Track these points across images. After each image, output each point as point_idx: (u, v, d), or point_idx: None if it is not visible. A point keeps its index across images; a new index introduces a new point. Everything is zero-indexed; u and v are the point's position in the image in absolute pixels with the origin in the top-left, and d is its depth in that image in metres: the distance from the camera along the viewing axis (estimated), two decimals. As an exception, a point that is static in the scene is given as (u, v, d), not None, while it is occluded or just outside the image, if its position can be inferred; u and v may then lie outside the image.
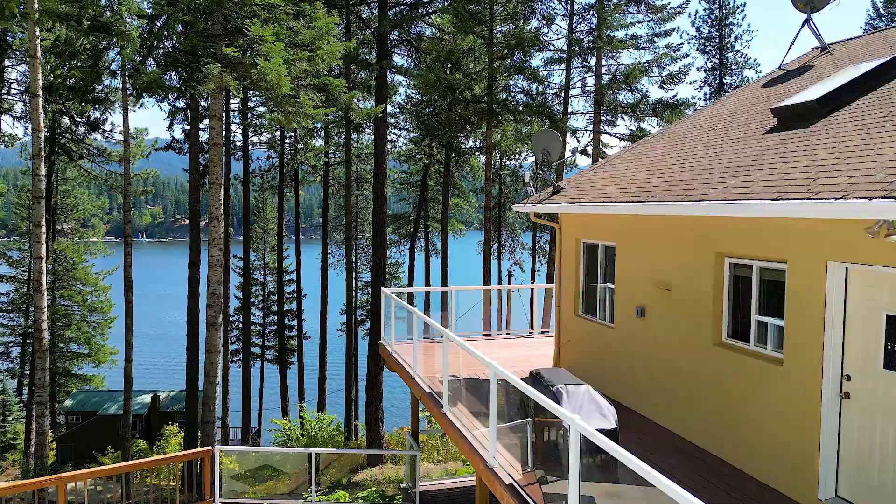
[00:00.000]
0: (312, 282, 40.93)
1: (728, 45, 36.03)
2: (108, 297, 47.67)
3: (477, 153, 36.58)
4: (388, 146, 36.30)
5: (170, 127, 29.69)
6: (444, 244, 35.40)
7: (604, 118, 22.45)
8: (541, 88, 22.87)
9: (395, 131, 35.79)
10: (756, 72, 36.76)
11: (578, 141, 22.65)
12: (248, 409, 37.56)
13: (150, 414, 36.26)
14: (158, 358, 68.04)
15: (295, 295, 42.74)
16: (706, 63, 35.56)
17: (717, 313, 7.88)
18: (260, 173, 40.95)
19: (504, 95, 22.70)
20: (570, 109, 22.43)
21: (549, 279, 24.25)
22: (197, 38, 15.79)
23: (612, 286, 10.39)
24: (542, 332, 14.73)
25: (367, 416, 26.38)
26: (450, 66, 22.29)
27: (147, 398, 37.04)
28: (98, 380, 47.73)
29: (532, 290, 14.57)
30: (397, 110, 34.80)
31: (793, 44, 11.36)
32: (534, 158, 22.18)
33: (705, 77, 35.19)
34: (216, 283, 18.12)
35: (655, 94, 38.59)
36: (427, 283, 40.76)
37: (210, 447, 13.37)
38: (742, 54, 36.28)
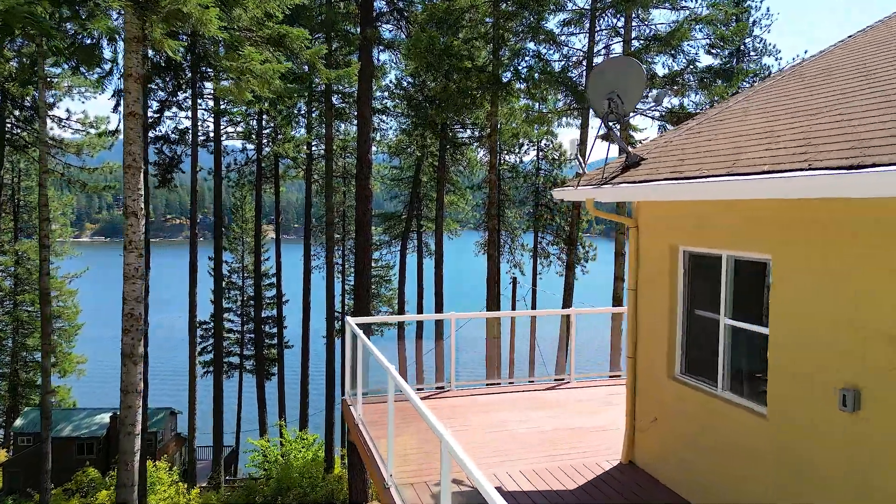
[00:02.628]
0: (295, 286, 35.92)
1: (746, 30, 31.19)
2: (75, 303, 42.57)
3: (475, 144, 31.62)
4: (376, 135, 31.29)
5: (115, 108, 24.58)
6: (439, 245, 30.43)
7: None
8: (558, 55, 17.91)
9: (384, 120, 30.73)
10: (776, 59, 32.09)
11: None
12: (219, 428, 32.45)
13: (108, 435, 31.14)
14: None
15: (275, 300, 37.69)
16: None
17: None
18: (236, 167, 35.87)
19: (515, 62, 17.68)
20: (593, 81, 17.56)
21: (570, 286, 19.22)
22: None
23: (756, 330, 5.46)
24: (581, 377, 9.80)
25: (350, 452, 21.41)
26: (446, 27, 17.45)
27: (106, 417, 31.93)
28: (63, 390, 42.69)
29: (568, 316, 9.60)
30: (385, 96, 29.74)
31: None
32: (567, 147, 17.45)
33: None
34: (134, 301, 13.11)
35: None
36: (420, 287, 35.72)
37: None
38: (761, 40, 31.43)
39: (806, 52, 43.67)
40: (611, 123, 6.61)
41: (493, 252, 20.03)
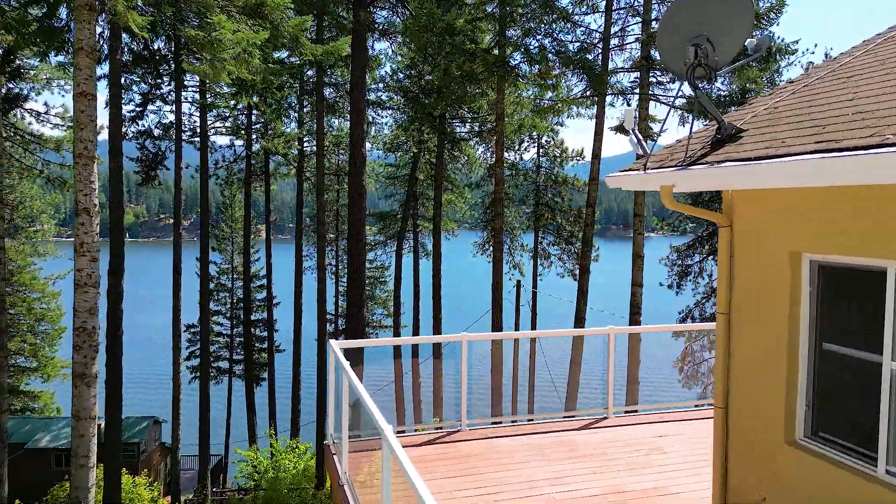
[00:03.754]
0: (288, 287, 33.88)
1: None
2: (59, 305, 40.41)
3: (474, 140, 29.64)
4: (371, 130, 29.27)
5: (89, 97, 22.42)
6: (437, 245, 28.45)
7: (653, 79, 15.65)
8: (571, 37, 15.84)
9: (379, 114, 28.68)
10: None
11: (629, 103, 15.59)
12: (206, 437, 30.37)
13: (88, 446, 28.97)
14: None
15: (266, 303, 35.59)
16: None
17: None
18: (225, 164, 33.77)
19: (525, 42, 15.60)
20: (609, 66, 15.53)
21: (584, 292, 17.21)
22: None
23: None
24: (626, 412, 7.82)
25: None
26: (448, 4, 15.47)
27: (85, 427, 29.72)
28: (47, 395, 40.50)
29: (608, 336, 7.57)
30: (380, 87, 27.68)
31: None
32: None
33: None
34: (86, 314, 11.05)
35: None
36: (416, 289, 33.70)
37: None
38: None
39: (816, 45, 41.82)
40: (698, 82, 4.62)
41: (498, 254, 18.06)
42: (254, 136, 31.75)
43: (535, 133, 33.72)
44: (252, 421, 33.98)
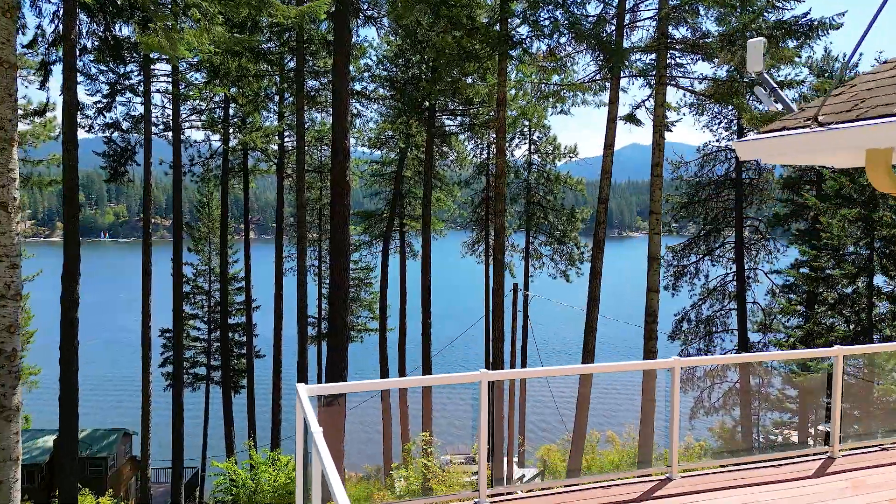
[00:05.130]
0: (269, 290, 31.64)
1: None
2: (27, 308, 37.72)
3: (465, 135, 27.64)
4: (356, 122, 27.13)
5: (42, 85, 20.06)
6: (426, 245, 26.44)
7: (671, 59, 13.76)
8: (581, 11, 13.76)
9: (364, 105, 26.53)
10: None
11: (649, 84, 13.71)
12: (179, 449, 28.06)
13: (52, 461, 26.52)
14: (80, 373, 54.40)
15: (245, 306, 33.27)
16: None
17: None
18: (201, 160, 31.41)
19: (533, 15, 13.54)
20: (624, 45, 13.58)
21: (595, 299, 15.25)
22: None
23: None
24: (698, 473, 5.84)
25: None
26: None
27: (50, 441, 27.28)
28: (14, 405, 37.78)
29: (672, 371, 5.50)
30: (365, 77, 25.54)
31: None
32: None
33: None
34: (4, 332, 8.89)
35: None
36: (403, 291, 31.59)
37: None
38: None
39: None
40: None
41: (500, 255, 16.02)
42: (231, 131, 29.47)
43: (526, 129, 31.82)
44: (229, 431, 31.70)
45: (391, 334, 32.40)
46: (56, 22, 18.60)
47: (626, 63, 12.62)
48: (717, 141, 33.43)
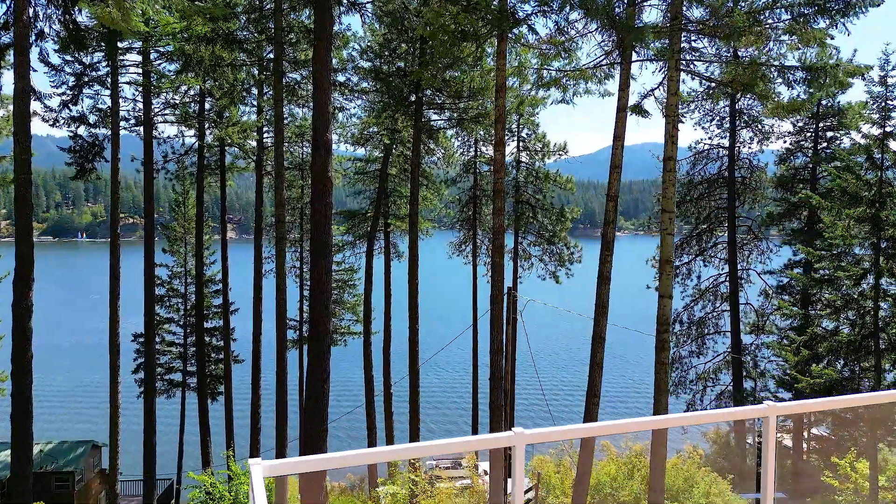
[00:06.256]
0: (247, 292, 29.93)
1: None
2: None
3: (453, 130, 26.17)
4: (338, 116, 25.52)
5: (-5, 70, 18.25)
6: (413, 246, 24.95)
7: (686, 44, 12.43)
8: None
9: (347, 97, 24.93)
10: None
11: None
12: (151, 460, 26.32)
13: (12, 478, 24.52)
14: (48, 381, 47.33)
15: (222, 309, 31.49)
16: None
17: None
18: (175, 157, 29.56)
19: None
20: (636, 25, 12.21)
21: (604, 306, 13.85)
22: None
23: None
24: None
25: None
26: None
27: (8, 456, 25.28)
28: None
29: (766, 421, 4.20)
30: (348, 69, 23.96)
31: None
32: None
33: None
34: None
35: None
36: (388, 293, 30.02)
37: None
38: None
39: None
40: None
41: (498, 259, 14.54)
42: (206, 126, 27.70)
43: (514, 126, 30.45)
44: (206, 440, 29.93)
45: (375, 338, 30.86)
46: (8, 2, 16.83)
47: (644, 42, 11.24)
48: (710, 139, 32.43)
